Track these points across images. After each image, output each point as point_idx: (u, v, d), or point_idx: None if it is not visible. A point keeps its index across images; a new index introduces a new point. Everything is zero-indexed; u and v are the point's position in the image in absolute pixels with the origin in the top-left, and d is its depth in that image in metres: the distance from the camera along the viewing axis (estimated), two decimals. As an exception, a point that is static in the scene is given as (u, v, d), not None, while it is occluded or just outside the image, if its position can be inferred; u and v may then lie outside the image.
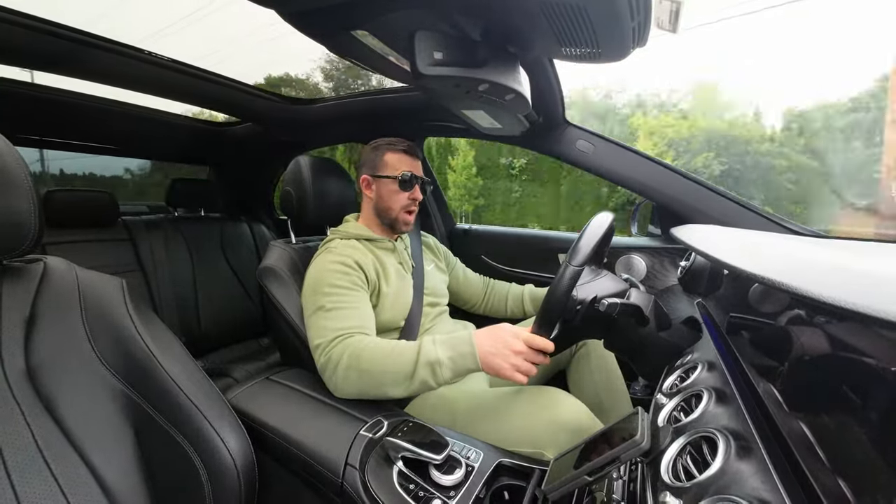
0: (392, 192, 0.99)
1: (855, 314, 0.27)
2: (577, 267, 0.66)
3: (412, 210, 1.01)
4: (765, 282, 0.38)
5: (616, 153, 1.10)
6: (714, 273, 0.86)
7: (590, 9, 0.49)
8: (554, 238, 1.47)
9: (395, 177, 0.98)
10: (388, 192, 0.99)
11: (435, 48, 0.56)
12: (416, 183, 0.99)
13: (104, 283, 0.63)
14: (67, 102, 1.28)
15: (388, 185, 0.99)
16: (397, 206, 0.99)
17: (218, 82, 1.23)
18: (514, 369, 0.69)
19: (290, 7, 0.62)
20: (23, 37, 0.88)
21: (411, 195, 0.99)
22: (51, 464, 0.48)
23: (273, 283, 0.95)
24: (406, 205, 0.99)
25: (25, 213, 0.52)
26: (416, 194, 0.99)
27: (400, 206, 0.99)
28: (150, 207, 2.14)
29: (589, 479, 0.47)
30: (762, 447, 0.38)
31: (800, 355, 0.40)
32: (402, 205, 0.99)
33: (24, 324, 0.54)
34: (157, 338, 0.61)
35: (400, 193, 0.98)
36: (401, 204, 0.99)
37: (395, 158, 0.99)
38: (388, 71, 0.84)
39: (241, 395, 0.81)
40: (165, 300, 1.57)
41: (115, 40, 0.99)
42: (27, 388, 0.51)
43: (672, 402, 0.53)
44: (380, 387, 0.73)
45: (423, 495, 0.57)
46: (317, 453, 0.65)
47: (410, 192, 0.99)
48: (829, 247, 0.68)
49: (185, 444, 0.56)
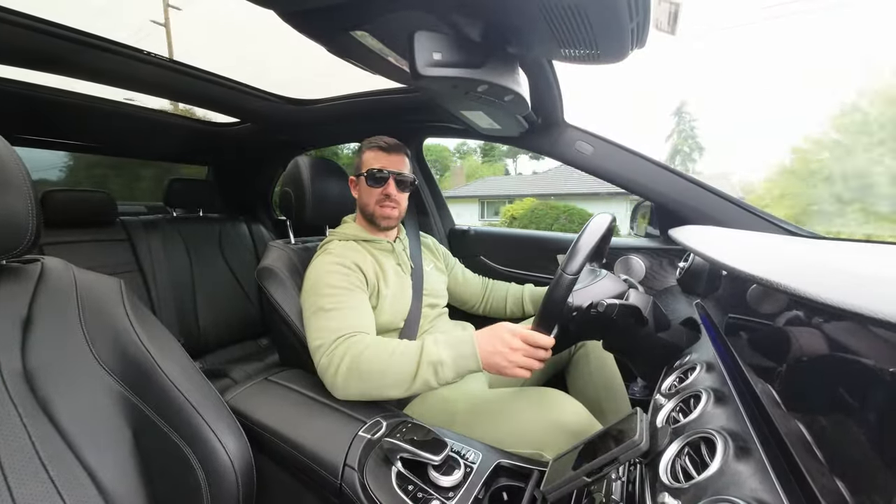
0: (365, 188, 0.99)
1: (853, 315, 0.27)
2: (572, 276, 0.66)
3: (386, 205, 0.99)
4: (763, 283, 0.38)
5: (615, 154, 1.10)
6: (712, 274, 0.87)
7: (589, 10, 0.49)
8: (552, 239, 1.47)
9: (364, 173, 0.99)
10: (363, 189, 1.00)
11: (434, 49, 0.56)
12: (388, 178, 0.98)
13: (102, 284, 0.63)
14: (66, 102, 1.28)
15: (363, 181, 0.99)
16: (371, 201, 0.99)
17: (217, 83, 1.23)
18: (515, 366, 0.69)
19: (289, 7, 0.62)
20: (22, 37, 0.88)
21: (383, 191, 0.98)
22: (47, 466, 0.48)
23: (272, 284, 0.94)
24: (379, 199, 0.99)
25: (23, 213, 0.52)
26: (388, 189, 0.98)
27: (374, 200, 0.99)
28: (149, 208, 2.14)
29: (588, 480, 0.47)
30: (760, 448, 0.38)
31: (798, 356, 0.40)
32: (374, 199, 0.99)
33: (22, 324, 0.53)
34: (156, 338, 0.61)
35: (372, 189, 0.98)
36: (374, 199, 0.99)
37: (371, 156, 1.00)
38: (387, 71, 0.84)
39: (240, 396, 0.81)
40: (164, 301, 1.56)
41: (114, 40, 0.99)
42: (24, 390, 0.50)
43: (671, 403, 0.54)
44: (381, 387, 0.73)
45: (421, 496, 0.57)
46: (315, 454, 0.65)
47: (382, 187, 0.98)
48: (826, 248, 0.68)
49: (182, 445, 0.56)
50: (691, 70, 50.77)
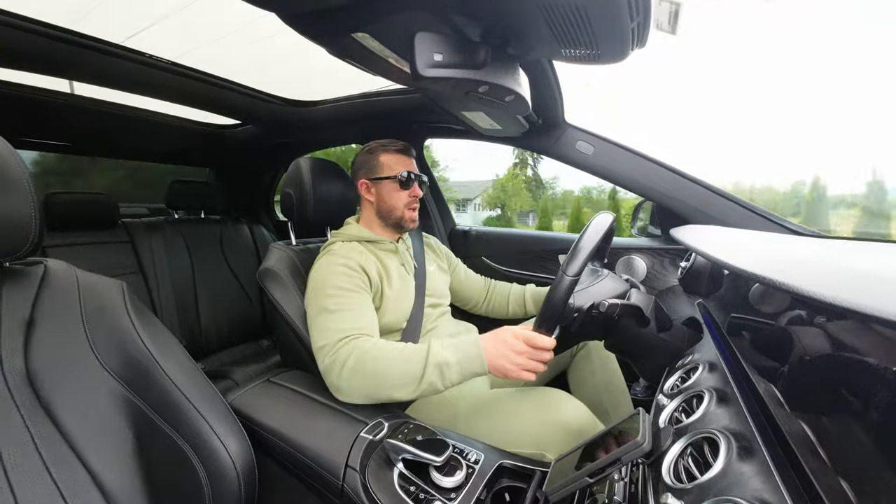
0: (393, 192, 1.00)
1: (856, 314, 0.27)
2: (573, 277, 0.66)
3: (415, 207, 1.03)
4: (765, 282, 0.38)
5: (616, 154, 1.10)
6: (714, 273, 0.86)
7: (590, 10, 0.49)
8: (554, 239, 1.47)
9: (393, 177, 0.99)
10: (388, 193, 1.01)
11: (435, 50, 0.56)
12: (415, 180, 1.01)
13: (104, 286, 0.63)
14: (68, 105, 1.28)
15: (388, 185, 1.00)
16: (401, 205, 1.01)
17: (219, 85, 1.23)
18: (520, 369, 0.69)
19: (290, 9, 0.62)
20: (24, 40, 0.88)
21: (412, 193, 1.01)
22: (50, 467, 0.48)
23: (273, 285, 0.95)
24: (408, 202, 1.01)
25: (25, 215, 0.52)
26: (416, 191, 1.02)
27: (403, 204, 1.01)
28: (150, 210, 2.14)
29: (590, 481, 0.47)
30: (764, 448, 0.38)
31: (801, 355, 0.40)
32: (404, 203, 1.01)
33: (24, 326, 0.54)
34: (158, 340, 0.61)
35: (400, 192, 1.00)
36: (403, 202, 1.01)
37: (392, 159, 1.01)
38: (387, 73, 0.84)
39: (242, 397, 0.81)
40: (165, 302, 1.57)
41: (116, 43, 0.99)
42: (27, 391, 0.51)
43: (673, 403, 0.53)
44: (385, 389, 0.72)
45: (423, 497, 0.57)
46: (317, 455, 0.65)
47: (410, 189, 1.01)
48: (829, 247, 0.67)
49: (184, 446, 0.56)
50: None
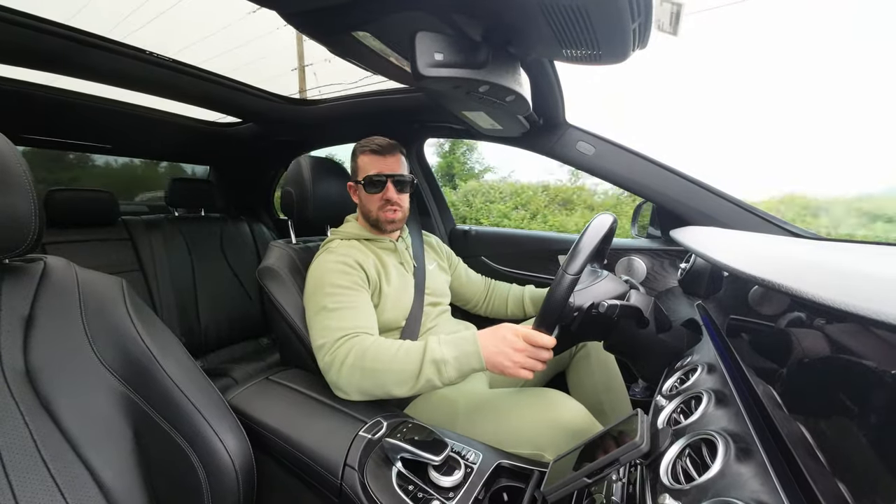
0: (365, 195, 0.98)
1: (854, 316, 0.27)
2: (573, 275, 0.66)
3: (388, 209, 0.97)
4: (765, 284, 0.38)
5: (617, 155, 1.10)
6: (714, 275, 0.86)
7: (591, 10, 0.48)
8: (554, 239, 1.47)
9: (361, 181, 0.97)
10: (363, 196, 0.99)
11: (435, 49, 0.56)
12: (388, 182, 0.96)
13: (104, 283, 0.63)
14: (69, 102, 1.28)
15: (362, 188, 0.98)
16: (374, 208, 0.98)
17: (219, 83, 1.23)
18: (518, 366, 0.69)
19: (291, 7, 0.62)
20: (24, 37, 0.88)
21: (383, 195, 0.96)
22: (49, 464, 0.48)
23: (273, 284, 0.95)
24: (380, 205, 0.97)
25: (26, 212, 0.52)
26: (387, 194, 0.96)
27: (375, 207, 0.98)
28: (151, 207, 2.14)
29: (588, 481, 0.47)
30: (762, 449, 0.38)
31: (800, 357, 0.40)
32: (376, 205, 0.97)
33: (24, 323, 0.54)
34: (157, 338, 0.61)
35: (372, 195, 0.97)
36: (375, 205, 0.97)
37: (366, 161, 0.98)
38: (388, 72, 0.84)
39: (241, 395, 0.81)
40: (165, 300, 1.57)
41: (117, 40, 0.99)
42: (26, 388, 0.51)
43: (672, 404, 0.53)
44: (384, 386, 0.73)
45: (422, 496, 0.57)
46: (316, 454, 0.65)
47: (381, 192, 0.96)
48: (829, 249, 0.67)
49: (183, 444, 0.56)
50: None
